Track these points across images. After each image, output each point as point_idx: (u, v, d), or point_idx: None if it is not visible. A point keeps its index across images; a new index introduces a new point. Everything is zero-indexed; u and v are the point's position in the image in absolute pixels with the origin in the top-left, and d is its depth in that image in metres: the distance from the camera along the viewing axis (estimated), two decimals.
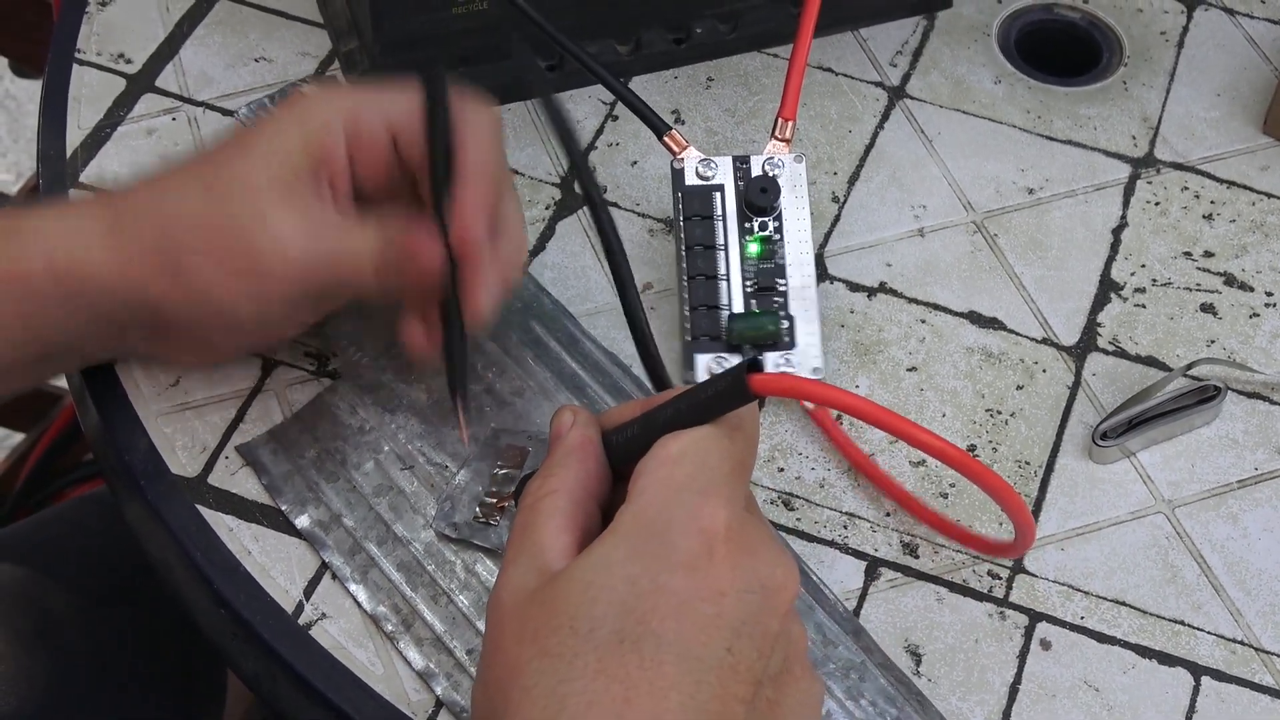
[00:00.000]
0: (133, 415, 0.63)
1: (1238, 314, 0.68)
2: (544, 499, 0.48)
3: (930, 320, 0.67)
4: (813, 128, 0.74)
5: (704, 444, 0.47)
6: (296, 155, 0.57)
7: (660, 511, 0.45)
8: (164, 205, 0.58)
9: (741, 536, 0.45)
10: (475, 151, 0.58)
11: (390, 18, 0.70)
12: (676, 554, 0.44)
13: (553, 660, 0.43)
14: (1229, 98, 0.76)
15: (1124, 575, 0.61)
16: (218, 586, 0.59)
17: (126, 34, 0.76)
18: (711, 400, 0.47)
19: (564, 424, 0.50)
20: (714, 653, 0.43)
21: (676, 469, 0.46)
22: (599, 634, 0.43)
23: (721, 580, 0.44)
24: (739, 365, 0.47)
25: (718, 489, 0.46)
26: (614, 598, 0.44)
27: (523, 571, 0.46)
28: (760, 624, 0.45)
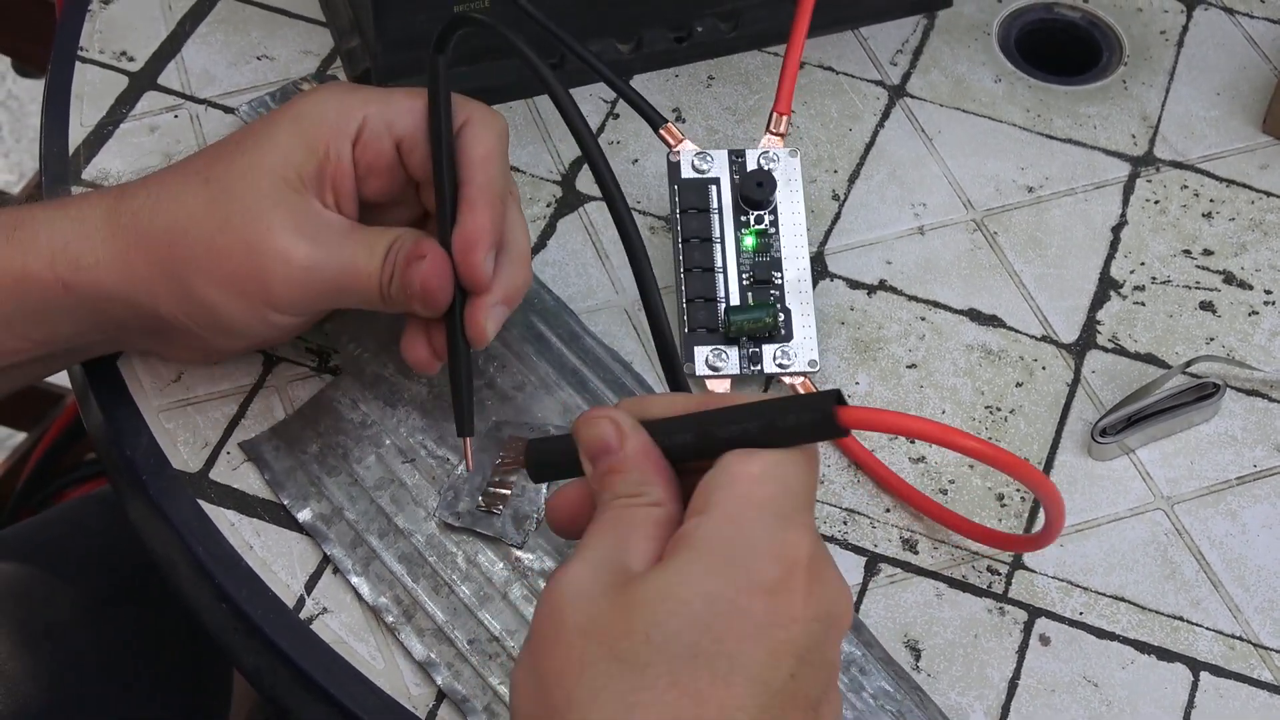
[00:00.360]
0: (135, 411, 0.63)
1: (1237, 312, 0.68)
2: (639, 509, 0.47)
3: (930, 318, 0.68)
4: (813, 126, 0.74)
5: (786, 468, 0.46)
6: (300, 162, 0.57)
7: (742, 531, 0.45)
8: (167, 212, 0.57)
9: (816, 566, 0.45)
10: (481, 169, 0.58)
11: (392, 16, 0.70)
12: (757, 577, 0.44)
13: (624, 666, 0.43)
14: (1228, 97, 0.76)
15: (1123, 571, 0.61)
16: (219, 581, 0.59)
17: (129, 32, 0.76)
18: (791, 429, 0.46)
19: (611, 436, 0.48)
20: (780, 677, 0.43)
21: (758, 489, 0.45)
22: (674, 647, 0.43)
23: (795, 608, 0.44)
24: (824, 396, 0.46)
25: (800, 515, 0.46)
26: (692, 613, 0.43)
27: (598, 566, 0.45)
28: (821, 653, 0.45)
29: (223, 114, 0.73)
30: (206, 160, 0.59)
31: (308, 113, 0.58)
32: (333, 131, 0.58)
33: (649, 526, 0.46)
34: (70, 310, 0.58)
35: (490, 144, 0.59)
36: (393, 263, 0.57)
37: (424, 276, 0.57)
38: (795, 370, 0.64)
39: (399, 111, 0.59)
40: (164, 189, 0.58)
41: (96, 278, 0.57)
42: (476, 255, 0.57)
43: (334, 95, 0.59)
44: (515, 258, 0.59)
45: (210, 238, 0.56)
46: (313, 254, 0.57)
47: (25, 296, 0.57)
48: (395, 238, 0.58)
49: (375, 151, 0.59)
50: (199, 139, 0.72)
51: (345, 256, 0.57)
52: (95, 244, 0.57)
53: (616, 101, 0.75)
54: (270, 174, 0.57)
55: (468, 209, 0.58)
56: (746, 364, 0.64)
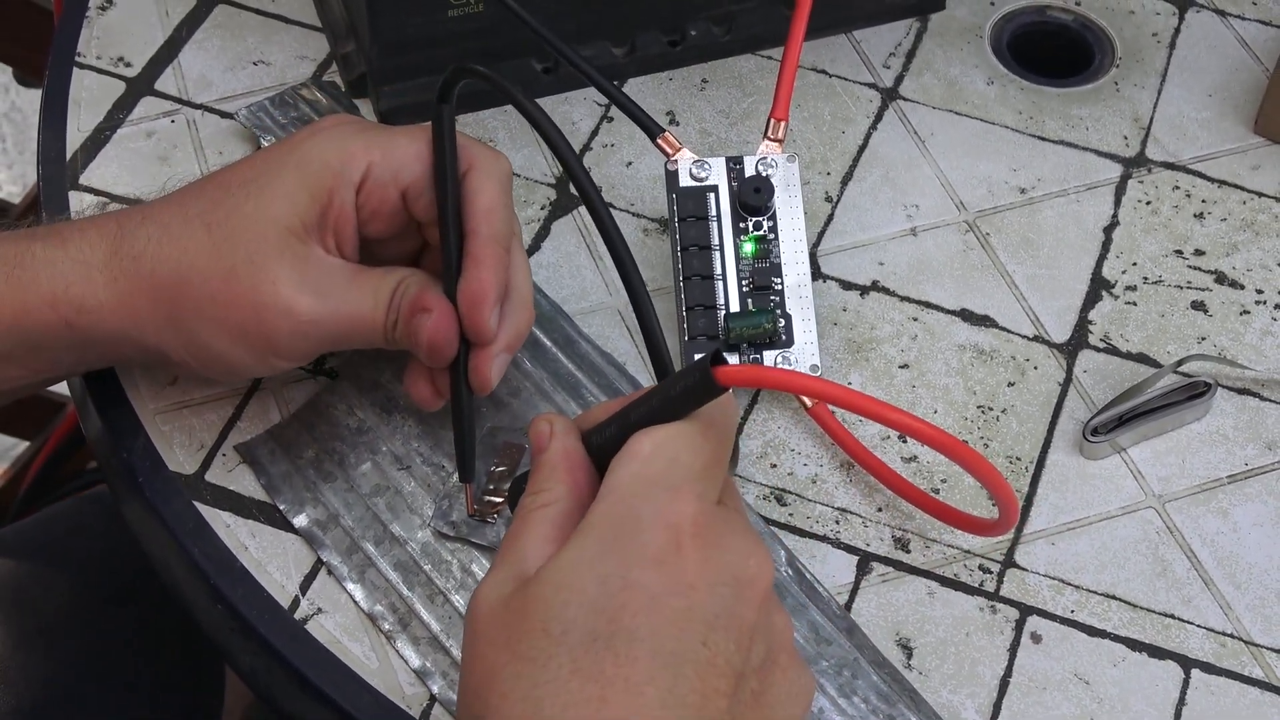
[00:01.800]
0: (131, 414, 0.64)
1: (1228, 311, 0.69)
2: (534, 512, 0.48)
3: (922, 318, 0.68)
4: (806, 128, 0.74)
5: (675, 440, 0.47)
6: (304, 209, 0.57)
7: (629, 508, 0.45)
8: (170, 259, 0.57)
9: (710, 530, 0.45)
10: (486, 220, 0.58)
11: (387, 20, 0.70)
12: (645, 549, 0.44)
13: (528, 664, 0.43)
14: (1220, 98, 0.77)
15: (1114, 569, 0.61)
16: (214, 582, 0.59)
17: (126, 38, 0.77)
18: (681, 395, 0.47)
19: (542, 435, 0.50)
20: (689, 646, 0.43)
21: (647, 466, 0.46)
22: (572, 635, 0.43)
23: (690, 574, 0.44)
24: (702, 358, 0.46)
25: (689, 484, 0.46)
26: (585, 598, 0.44)
27: (501, 578, 0.46)
28: (735, 616, 0.45)
29: (219, 119, 0.73)
30: (208, 203, 0.58)
31: (312, 158, 0.58)
32: (336, 179, 0.57)
33: (543, 526, 0.47)
34: (73, 345, 0.58)
35: (494, 192, 0.59)
36: (397, 307, 0.58)
37: (430, 332, 0.57)
38: None
39: (404, 159, 0.58)
40: (166, 233, 0.57)
41: (100, 319, 0.57)
42: (483, 312, 0.57)
43: (337, 139, 0.58)
44: (518, 303, 0.59)
45: (215, 289, 0.56)
46: (317, 307, 0.57)
47: (27, 333, 0.57)
48: (399, 281, 0.58)
49: (379, 199, 0.58)
50: (196, 144, 0.72)
51: (350, 306, 0.57)
52: (98, 288, 0.57)
53: (609, 106, 0.75)
54: (274, 223, 0.57)
55: (473, 264, 0.57)
56: None
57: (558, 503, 0.48)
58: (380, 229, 0.60)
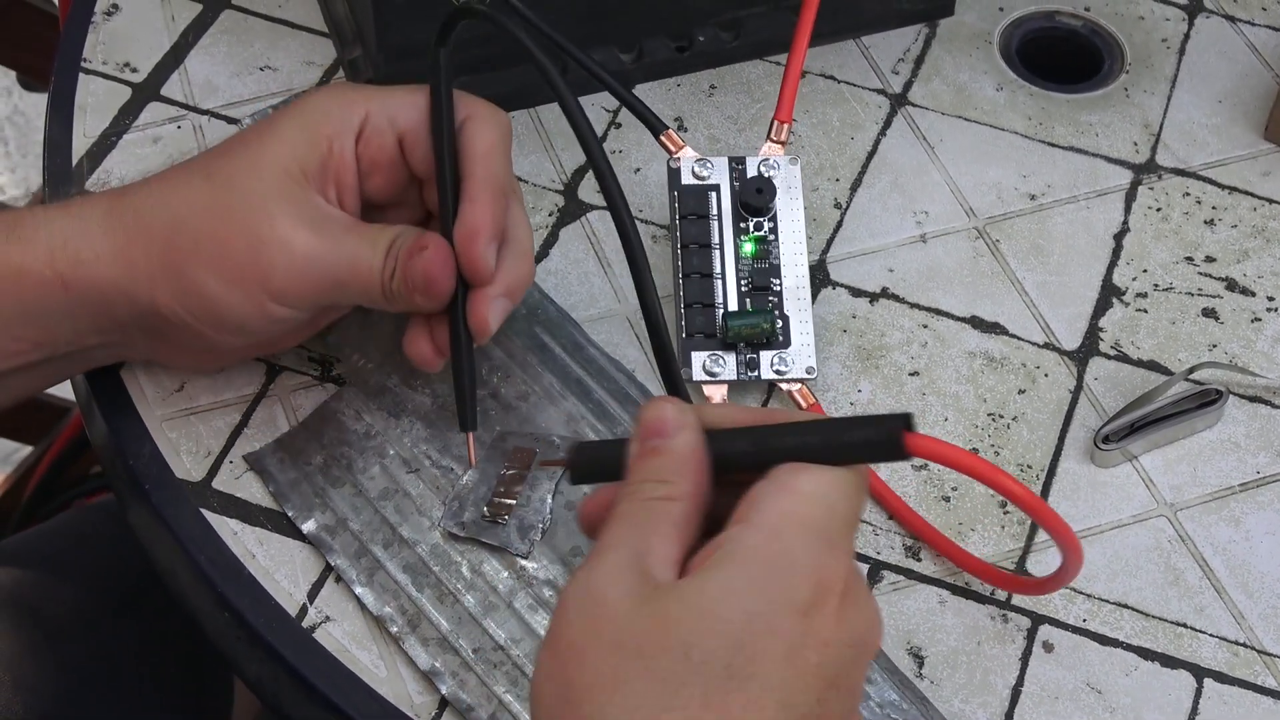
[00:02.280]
0: (138, 420, 0.63)
1: (1239, 318, 0.68)
2: (660, 502, 0.46)
3: (932, 325, 0.68)
4: (815, 135, 0.74)
5: (836, 487, 0.45)
6: (304, 155, 0.57)
7: (785, 550, 0.44)
8: (168, 206, 0.57)
9: (853, 591, 0.44)
10: (483, 163, 0.58)
11: (394, 26, 0.70)
12: (795, 597, 0.43)
13: (660, 684, 0.42)
14: (1230, 104, 0.76)
15: (1126, 578, 0.61)
16: (222, 590, 0.59)
17: (132, 43, 0.76)
18: (855, 445, 0.46)
19: (666, 421, 0.47)
20: (808, 701, 0.43)
21: (805, 507, 0.45)
22: (710, 665, 0.42)
23: (829, 632, 0.44)
24: (892, 419, 0.45)
25: (842, 538, 0.45)
26: (731, 631, 0.43)
27: (623, 569, 0.44)
28: (850, 677, 0.44)
29: (226, 124, 0.73)
30: (209, 156, 0.59)
31: (311, 109, 0.58)
32: (336, 126, 0.58)
33: (666, 526, 0.46)
34: (68, 309, 0.58)
35: (492, 139, 0.59)
36: (395, 257, 0.57)
37: (425, 265, 0.57)
38: (792, 377, 0.63)
39: (401, 106, 0.59)
40: (165, 184, 0.58)
41: (96, 273, 0.57)
42: (478, 246, 0.57)
43: (337, 92, 0.60)
44: (518, 252, 0.59)
45: (211, 227, 0.56)
46: (314, 244, 0.56)
47: (22, 295, 0.57)
48: (397, 233, 0.58)
49: (378, 146, 0.59)
50: (202, 149, 0.72)
51: (347, 249, 0.57)
52: (94, 239, 0.57)
53: (619, 111, 0.75)
54: (273, 166, 0.57)
55: (469, 201, 0.58)
56: (744, 370, 0.64)
57: (683, 500, 0.46)
58: (381, 184, 0.60)
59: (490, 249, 0.57)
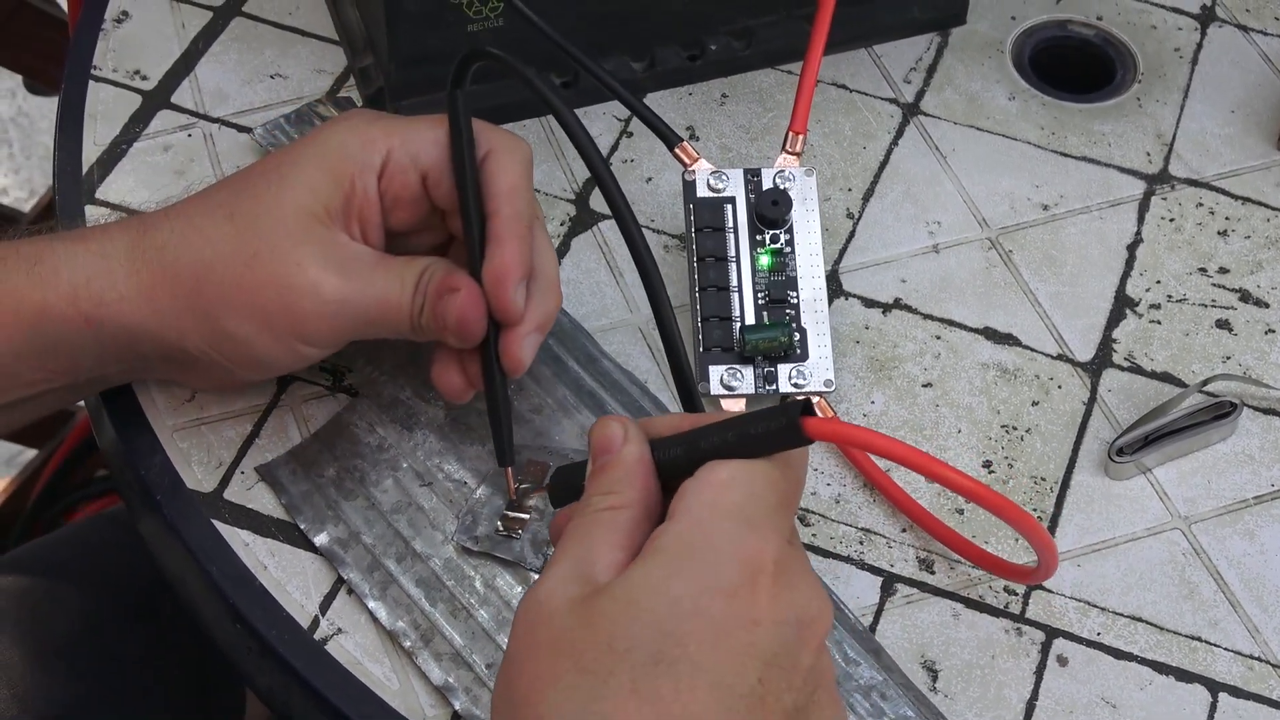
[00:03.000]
0: (149, 431, 0.63)
1: (1253, 330, 0.68)
2: (605, 512, 0.47)
3: (945, 336, 0.67)
4: (827, 144, 0.74)
5: (753, 474, 0.47)
6: (327, 195, 0.57)
7: (706, 535, 0.45)
8: (193, 249, 0.57)
9: (784, 569, 0.45)
10: (508, 201, 0.58)
11: (406, 34, 0.70)
12: (719, 579, 0.44)
13: (588, 677, 0.43)
14: (1243, 114, 0.76)
15: (1140, 591, 0.61)
16: (233, 601, 0.59)
17: (142, 51, 0.76)
18: (761, 436, 0.47)
19: (615, 437, 0.49)
20: (746, 682, 0.43)
21: (724, 494, 0.46)
22: (636, 654, 0.43)
23: (759, 610, 0.44)
24: (792, 406, 0.46)
25: (766, 520, 0.46)
26: (654, 619, 0.44)
27: (567, 579, 0.46)
28: (793, 657, 0.45)
29: (236, 133, 0.73)
30: (230, 194, 0.58)
31: (332, 146, 0.58)
32: (358, 165, 0.57)
33: (613, 534, 0.47)
34: (92, 344, 0.58)
35: (515, 174, 0.59)
36: (423, 293, 0.57)
37: (460, 310, 0.57)
38: (810, 390, 0.63)
39: (423, 144, 0.59)
40: (188, 224, 0.58)
41: (120, 312, 0.57)
42: (508, 290, 0.57)
43: (357, 127, 0.59)
44: (545, 285, 0.59)
45: (239, 275, 0.56)
46: (343, 287, 0.56)
47: (45, 331, 0.57)
48: (425, 267, 0.58)
49: (400, 184, 0.58)
50: (212, 158, 0.72)
51: (376, 289, 0.57)
52: (118, 280, 0.57)
53: (630, 120, 0.74)
54: (296, 209, 0.57)
55: (496, 244, 0.57)
56: (762, 383, 0.63)
57: (629, 508, 0.48)
58: (404, 218, 0.59)
59: (520, 290, 0.57)
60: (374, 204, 0.58)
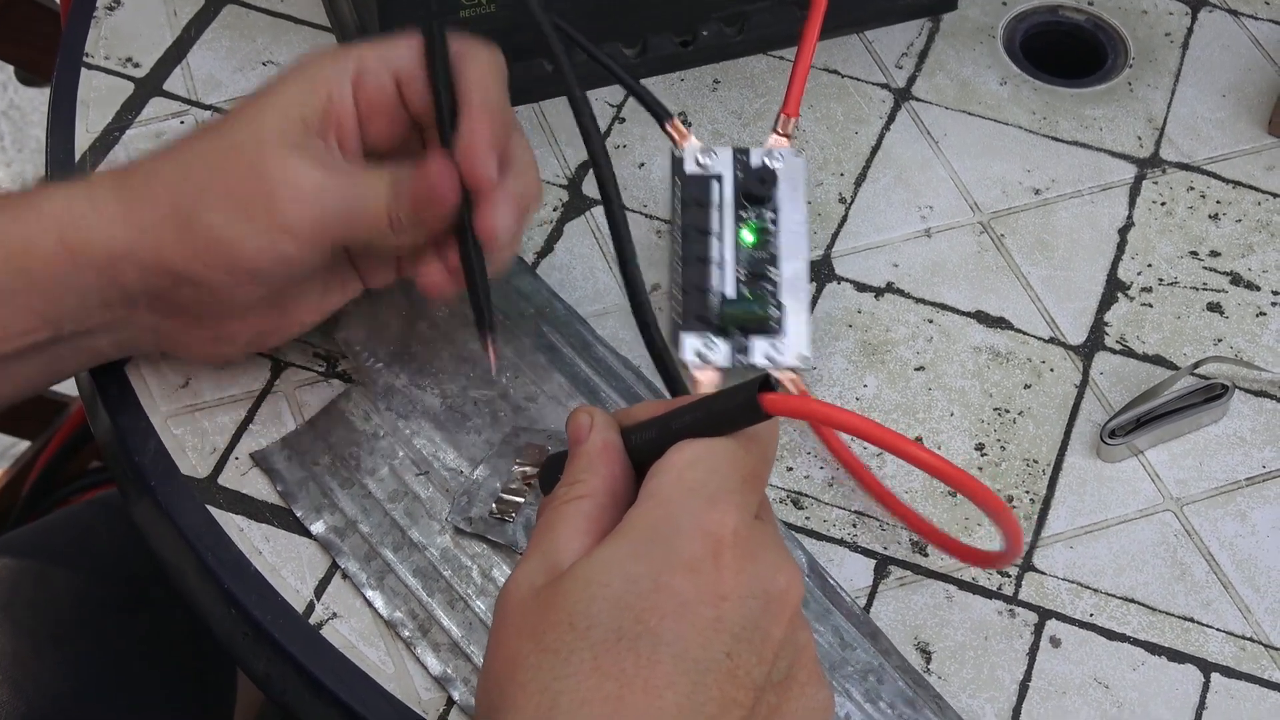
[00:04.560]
0: (143, 417, 0.63)
1: (1244, 313, 0.68)
2: (569, 503, 0.48)
3: (937, 320, 0.68)
4: (819, 129, 0.74)
5: (717, 452, 0.47)
6: (305, 107, 0.57)
7: (668, 513, 0.46)
8: (176, 165, 0.58)
9: (747, 543, 0.45)
10: (478, 88, 0.58)
11: (398, 21, 0.70)
12: (680, 555, 0.45)
13: (550, 655, 0.44)
14: (1234, 98, 0.76)
15: (1133, 573, 0.61)
16: (228, 586, 0.59)
17: (134, 38, 0.76)
18: (724, 414, 0.48)
19: (582, 426, 0.50)
20: (713, 655, 0.44)
21: (687, 473, 0.46)
22: (596, 631, 0.43)
23: (724, 584, 0.44)
24: (751, 382, 0.47)
25: (727, 495, 0.46)
26: (613, 595, 0.44)
27: (533, 569, 0.46)
28: (761, 630, 0.45)
29: None
30: (214, 120, 0.60)
31: (307, 64, 0.59)
32: (332, 75, 0.58)
33: (577, 519, 0.47)
34: (75, 280, 0.57)
35: (484, 66, 0.59)
36: (398, 191, 0.57)
37: (429, 175, 0.57)
38: (784, 365, 0.63)
39: (395, 49, 0.59)
40: (172, 148, 0.59)
41: (104, 236, 0.57)
42: (477, 154, 0.57)
43: (330, 50, 0.60)
44: (521, 168, 0.59)
45: (218, 164, 0.57)
46: (321, 176, 0.57)
47: (29, 267, 0.57)
48: (399, 169, 0.58)
49: (375, 89, 0.59)
50: None
51: (353, 184, 0.58)
52: (101, 205, 0.57)
53: (622, 106, 0.75)
54: (275, 116, 0.57)
55: (467, 118, 0.58)
56: (735, 356, 0.63)
57: (593, 496, 0.48)
58: (381, 129, 0.60)
59: (490, 157, 0.57)
60: (350, 113, 0.58)
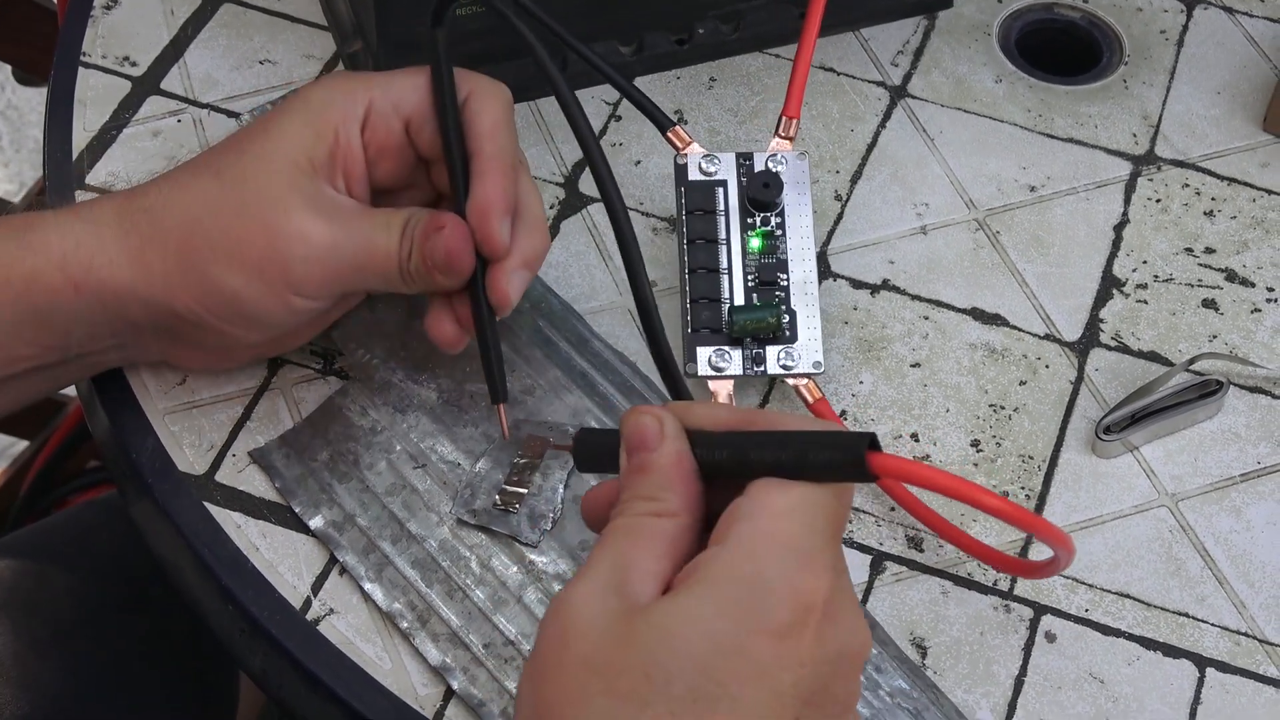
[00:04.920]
0: (140, 415, 0.63)
1: (1239, 309, 0.68)
2: (646, 519, 0.45)
3: (933, 317, 0.68)
4: (815, 127, 0.74)
5: (813, 504, 0.45)
6: (311, 147, 0.57)
7: (758, 570, 0.43)
8: (181, 206, 0.57)
9: (832, 605, 0.44)
10: (489, 139, 0.59)
11: (394, 19, 0.70)
12: (768, 619, 0.43)
13: (622, 702, 0.42)
14: (1229, 95, 0.76)
15: (1128, 568, 0.61)
16: (226, 583, 0.59)
17: (131, 37, 0.76)
18: (821, 466, 0.45)
19: (650, 432, 0.47)
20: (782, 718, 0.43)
21: (782, 524, 0.44)
22: (674, 688, 0.42)
23: (804, 651, 0.43)
24: (858, 440, 0.44)
25: (820, 555, 0.44)
26: (695, 652, 0.42)
27: (605, 588, 0.44)
28: (830, 692, 0.44)
29: (226, 118, 0.73)
30: (216, 154, 0.59)
31: (314, 100, 0.59)
32: (340, 115, 0.58)
33: (657, 543, 0.45)
34: (82, 313, 0.58)
35: (496, 113, 0.59)
36: (410, 237, 0.57)
37: (446, 242, 0.57)
38: (799, 372, 0.64)
39: (404, 90, 0.59)
40: (175, 185, 0.58)
41: (110, 277, 0.57)
42: (492, 221, 0.57)
43: (338, 81, 0.60)
44: (531, 223, 0.59)
45: (226, 224, 0.57)
46: (331, 232, 0.57)
47: (35, 301, 0.57)
48: (410, 214, 0.58)
49: (384, 132, 0.59)
50: (202, 143, 0.72)
51: (364, 234, 0.57)
52: (107, 243, 0.57)
53: (619, 104, 0.75)
54: (282, 161, 0.57)
55: (479, 178, 0.58)
56: (750, 365, 0.64)
57: (674, 516, 0.45)
58: (389, 170, 0.60)
59: (504, 223, 0.58)
60: (358, 155, 0.58)
